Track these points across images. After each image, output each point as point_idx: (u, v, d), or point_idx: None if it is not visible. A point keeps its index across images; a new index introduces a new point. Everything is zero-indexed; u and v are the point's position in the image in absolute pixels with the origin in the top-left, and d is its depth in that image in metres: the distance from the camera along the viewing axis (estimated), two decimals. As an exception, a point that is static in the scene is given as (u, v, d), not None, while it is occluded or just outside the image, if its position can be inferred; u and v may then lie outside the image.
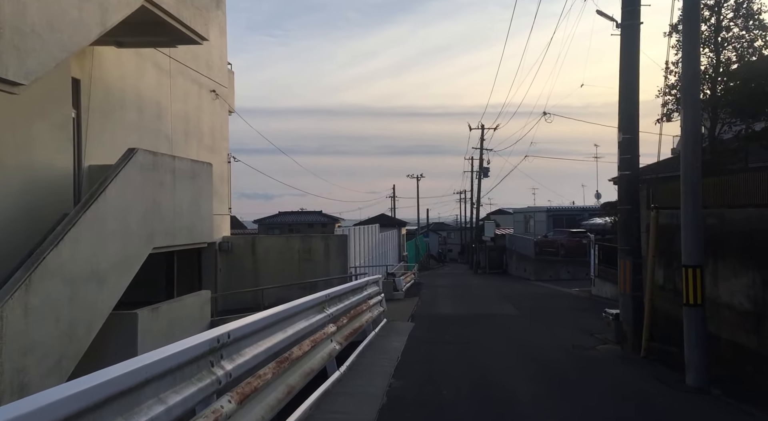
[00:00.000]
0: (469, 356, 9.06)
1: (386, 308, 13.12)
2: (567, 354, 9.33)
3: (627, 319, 9.45)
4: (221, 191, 20.74)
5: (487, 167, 45.71)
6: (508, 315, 14.86)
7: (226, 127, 21.31)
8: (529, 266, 36.57)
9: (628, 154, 9.51)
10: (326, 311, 7.32)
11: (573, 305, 18.31)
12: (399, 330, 11.78)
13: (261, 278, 20.70)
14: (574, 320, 13.83)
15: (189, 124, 18.17)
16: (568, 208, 44.30)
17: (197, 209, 12.62)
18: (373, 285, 12.27)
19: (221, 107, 20.77)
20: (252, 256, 20.84)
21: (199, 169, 12.86)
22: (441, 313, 15.57)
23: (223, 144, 21.00)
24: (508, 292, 23.74)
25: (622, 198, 9.64)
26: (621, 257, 9.65)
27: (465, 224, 73.76)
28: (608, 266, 21.09)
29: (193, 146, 18.19)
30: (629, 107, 9.51)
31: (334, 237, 21.18)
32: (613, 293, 20.20)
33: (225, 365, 3.67)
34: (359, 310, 9.75)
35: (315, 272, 20.72)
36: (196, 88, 18.75)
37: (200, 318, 12.64)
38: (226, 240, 20.64)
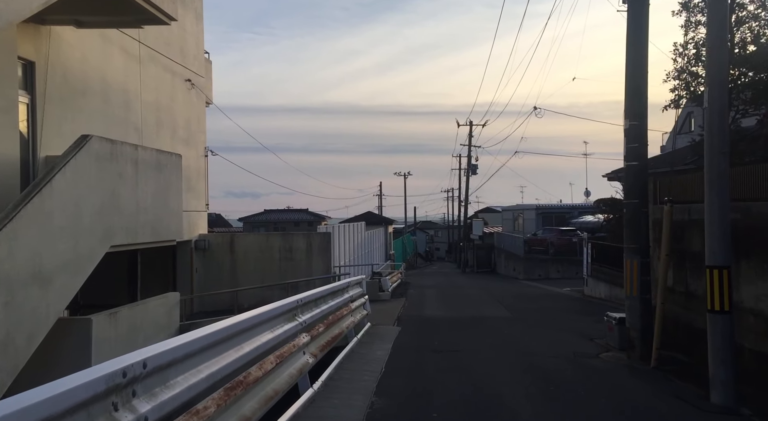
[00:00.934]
0: (461, 366, 8.12)
1: (370, 311, 12.17)
2: (569, 363, 8.43)
3: (634, 324, 8.56)
4: (197, 187, 19.67)
5: (476, 164, 44.91)
6: (501, 318, 13.96)
7: (203, 119, 20.22)
8: (519, 264, 35.80)
9: (636, 142, 8.62)
10: (298, 319, 6.34)
11: (566, 306, 17.46)
12: (384, 336, 10.82)
13: (240, 278, 19.67)
14: (570, 323, 12.96)
15: (161, 114, 17.08)
16: (558, 206, 43.59)
17: (164, 204, 11.57)
18: (356, 286, 11.31)
19: (197, 98, 19.68)
20: (230, 255, 19.80)
21: (166, 160, 11.80)
22: (429, 315, 14.64)
23: (200, 137, 19.91)
24: (498, 292, 22.87)
25: (629, 191, 8.76)
26: (627, 255, 8.77)
27: (453, 222, 73.05)
28: (602, 264, 20.29)
29: (165, 138, 17.10)
30: (637, 90, 8.62)
31: (316, 235, 20.20)
32: (608, 294, 19.41)
33: (139, 405, 2.69)
34: (339, 315, 8.78)
35: (297, 271, 19.74)
36: (170, 76, 17.65)
37: (167, 323, 11.59)
38: (203, 238, 19.58)
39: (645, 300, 8.51)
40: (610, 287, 19.21)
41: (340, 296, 9.47)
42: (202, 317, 18.47)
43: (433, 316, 14.42)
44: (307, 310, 6.95)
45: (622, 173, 21.06)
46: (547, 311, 15.62)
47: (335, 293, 9.07)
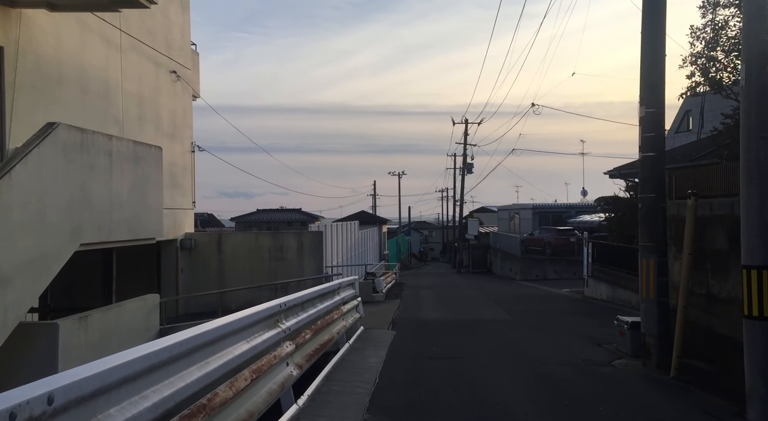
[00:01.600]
0: (462, 376, 7.39)
1: (363, 314, 11.42)
2: (579, 372, 7.72)
3: (651, 329, 7.86)
4: (184, 183, 18.89)
5: (471, 163, 44.21)
6: (501, 321, 13.24)
7: (189, 113, 19.42)
8: (515, 265, 35.12)
9: (652, 131, 7.91)
10: (281, 325, 5.59)
11: (568, 308, 16.77)
12: (377, 341, 10.08)
13: (228, 279, 18.89)
14: (574, 327, 12.27)
15: (144, 107, 16.28)
16: (555, 205, 42.96)
17: (142, 200, 10.80)
18: (348, 288, 10.56)
19: (184, 91, 18.88)
20: (218, 254, 19.01)
21: (145, 152, 11.03)
22: (425, 318, 13.90)
23: (186, 131, 19.12)
24: (495, 293, 22.17)
25: (645, 185, 8.05)
26: (643, 254, 8.06)
27: (447, 222, 72.36)
28: (603, 265, 19.62)
29: (149, 132, 16.30)
30: (654, 74, 7.92)
31: (308, 234, 19.43)
32: (610, 295, 18.75)
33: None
34: (329, 319, 8.03)
35: (287, 271, 18.97)
36: (153, 67, 16.85)
37: (146, 327, 10.81)
38: (189, 237, 18.78)
39: (662, 303, 7.80)
40: (613, 288, 18.54)
41: (330, 299, 8.72)
42: (187, 319, 17.68)
43: (430, 319, 13.70)
44: (291, 315, 6.20)
45: (626, 170, 20.46)
46: (548, 314, 14.92)
47: (325, 295, 8.32)
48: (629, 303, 17.01)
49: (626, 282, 17.37)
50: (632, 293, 16.95)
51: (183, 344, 3.35)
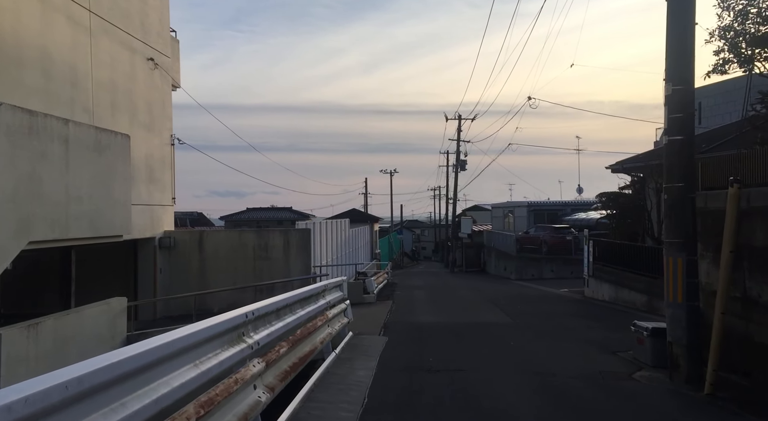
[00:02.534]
0: (465, 394, 6.38)
1: (352, 318, 10.40)
2: (598, 388, 6.73)
3: (679, 338, 6.88)
4: (162, 178, 17.78)
5: (465, 160, 43.24)
6: (501, 324, 12.25)
7: (168, 103, 18.31)
8: (510, 264, 34.21)
9: (680, 111, 6.94)
10: (248, 340, 4.56)
11: (570, 310, 15.82)
12: (367, 349, 9.06)
13: (210, 280, 17.81)
14: (581, 331, 11.31)
15: (118, 95, 15.17)
16: (550, 203, 42.07)
17: (106, 193, 9.71)
18: (335, 290, 9.53)
19: (162, 80, 17.77)
20: (199, 253, 17.91)
21: (109, 140, 9.94)
22: (420, 321, 12.90)
23: (165, 123, 18.00)
24: (492, 293, 21.19)
25: (671, 173, 7.07)
26: (669, 252, 7.08)
27: (440, 220, 71.45)
28: (605, 264, 18.70)
29: (122, 122, 15.19)
30: (681, 45, 6.94)
31: (295, 232, 18.37)
32: (612, 296, 17.83)
33: None
34: (312, 327, 7.01)
35: (273, 271, 17.92)
36: (128, 53, 15.74)
37: (110, 335, 9.73)
38: (168, 235, 17.68)
39: (692, 308, 6.83)
40: (616, 289, 17.62)
41: (314, 303, 7.70)
42: (165, 323, 16.59)
43: (425, 322, 12.68)
44: (263, 325, 5.17)
45: (629, 164, 19.51)
46: (551, 316, 13.94)
47: (307, 299, 7.30)
48: (633, 304, 16.09)
49: (631, 282, 16.45)
50: (637, 294, 16.04)
51: (81, 382, 2.31)
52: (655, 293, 14.97)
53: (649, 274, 15.22)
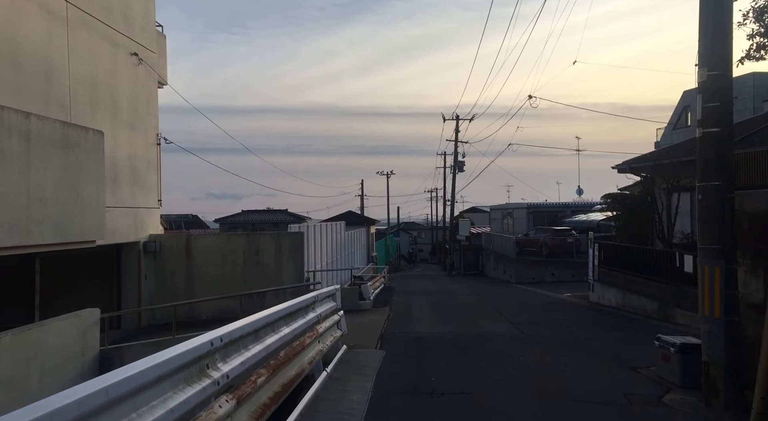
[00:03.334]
0: (475, 425, 5.53)
1: (346, 330, 9.55)
2: (627, 416, 5.90)
3: (717, 358, 6.05)
4: (147, 179, 16.91)
5: (462, 161, 42.44)
6: (508, 336, 11.41)
7: (154, 101, 17.44)
8: (510, 267, 33.36)
9: (716, 100, 6.12)
10: (213, 374, 3.70)
11: (577, 318, 14.99)
12: (363, 366, 8.21)
13: (197, 286, 16.93)
14: (595, 343, 10.50)
15: (98, 91, 14.30)
16: (550, 204, 41.29)
17: (74, 195, 8.84)
18: (327, 301, 8.68)
19: (147, 76, 16.90)
20: (186, 259, 17.04)
21: (78, 137, 9.07)
22: (419, 332, 12.04)
23: (151, 121, 17.13)
24: (493, 299, 20.36)
25: (706, 170, 6.24)
26: (704, 260, 6.24)
27: (437, 222, 70.66)
28: (612, 268, 17.88)
29: (103, 119, 14.33)
30: (718, 26, 6.12)
31: (287, 236, 17.50)
32: (620, 301, 17.01)
33: None
34: (299, 346, 6.16)
35: (264, 277, 17.05)
36: (110, 48, 14.87)
37: (81, 350, 8.85)
38: (154, 239, 16.79)
39: (732, 324, 6.00)
40: (624, 294, 16.80)
41: (302, 318, 6.85)
42: (150, 331, 15.70)
43: (425, 333, 11.83)
44: (236, 351, 4.32)
45: (636, 163, 18.71)
46: (558, 325, 13.12)
47: (294, 314, 6.45)
48: (644, 311, 15.28)
49: (640, 287, 15.64)
50: (648, 300, 15.23)
51: None
52: (667, 299, 14.16)
53: (661, 279, 14.42)
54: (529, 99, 26.53)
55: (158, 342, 10.05)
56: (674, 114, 37.66)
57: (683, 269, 13.33)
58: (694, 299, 13.12)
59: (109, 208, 14.51)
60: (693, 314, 12.95)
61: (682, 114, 37.02)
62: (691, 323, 12.85)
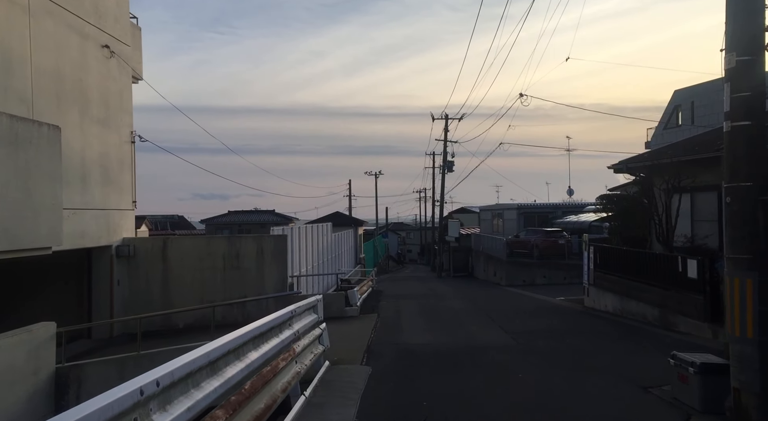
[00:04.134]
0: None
1: (329, 345, 8.74)
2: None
3: (749, 384, 5.30)
4: (121, 179, 15.98)
5: (452, 161, 41.72)
6: (503, 347, 10.63)
7: (128, 97, 16.51)
8: (500, 269, 32.68)
9: (747, 89, 5.37)
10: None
11: (574, 325, 14.28)
12: (346, 387, 7.39)
13: (174, 293, 16.03)
14: (597, 355, 9.75)
15: (64, 85, 13.36)
16: (541, 205, 40.70)
17: (25, 196, 7.95)
18: (307, 314, 7.85)
19: (121, 70, 15.97)
20: (162, 263, 16.12)
21: (30, 132, 8.18)
22: (409, 343, 11.24)
23: (124, 118, 16.20)
24: (484, 304, 19.62)
25: (736, 169, 5.48)
26: (733, 271, 5.49)
27: (426, 223, 70.03)
28: (608, 272, 17.19)
29: (70, 115, 13.40)
30: (750, 7, 5.37)
31: (269, 238, 16.64)
32: (618, 307, 16.32)
33: None
34: (271, 372, 5.33)
35: (245, 283, 16.19)
36: (78, 39, 13.93)
37: (32, 369, 7.94)
38: (127, 243, 15.87)
39: (766, 344, 5.24)
40: (622, 300, 16.11)
41: (276, 337, 6.03)
42: (123, 341, 14.78)
43: (415, 344, 11.03)
44: (182, 394, 3.48)
45: (633, 163, 18.07)
46: (555, 334, 12.38)
47: (265, 335, 5.62)
48: (644, 318, 14.59)
49: (639, 293, 14.95)
50: (648, 307, 14.53)
51: None
52: (669, 306, 13.47)
53: (662, 284, 13.73)
54: (520, 97, 25.83)
55: (122, 360, 9.16)
56: (665, 114, 37.20)
57: (686, 274, 12.64)
58: (698, 306, 12.53)
59: (77, 211, 13.61)
60: (697, 323, 12.28)
61: (672, 114, 36.54)
62: (695, 331, 12.16)
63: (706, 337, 11.72)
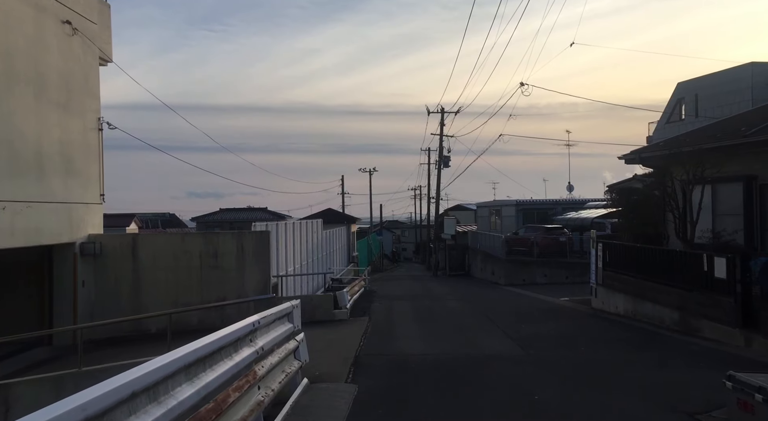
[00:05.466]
0: None
1: (308, 359, 7.35)
2: None
3: None
4: (86, 170, 14.52)
5: (448, 156, 40.36)
6: (511, 358, 9.25)
7: (94, 80, 15.03)
8: (499, 267, 31.34)
9: None
10: None
11: (586, 330, 12.96)
12: (324, 415, 6.00)
13: (145, 294, 14.58)
14: (620, 368, 8.41)
15: (15, 62, 11.90)
16: (540, 201, 39.36)
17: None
18: (278, 325, 6.45)
19: (86, 51, 14.49)
20: (132, 262, 14.67)
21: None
22: (403, 353, 9.85)
23: (89, 103, 14.73)
24: (484, 305, 18.28)
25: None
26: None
27: (421, 221, 68.67)
28: (619, 271, 15.86)
29: (24, 96, 11.95)
30: None
31: (250, 235, 15.22)
32: (630, 309, 14.98)
33: None
34: (214, 410, 3.92)
35: (224, 283, 14.76)
36: (32, 11, 12.45)
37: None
38: (93, 240, 14.41)
39: None
40: (635, 301, 14.77)
41: (226, 360, 4.61)
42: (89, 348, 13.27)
43: (410, 355, 9.65)
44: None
45: (647, 153, 16.65)
46: (567, 341, 11.04)
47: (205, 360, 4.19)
48: (661, 321, 13.24)
49: (656, 294, 13.61)
50: (665, 309, 13.19)
51: None
52: (691, 309, 12.13)
53: (682, 285, 12.40)
54: (521, 86, 24.50)
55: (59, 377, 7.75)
56: (668, 107, 35.94)
57: (713, 273, 11.30)
58: (728, 310, 11.15)
59: (32, 204, 12.17)
60: (726, 328, 10.95)
61: (675, 107, 35.29)
62: (723, 338, 10.83)
63: (738, 344, 10.39)
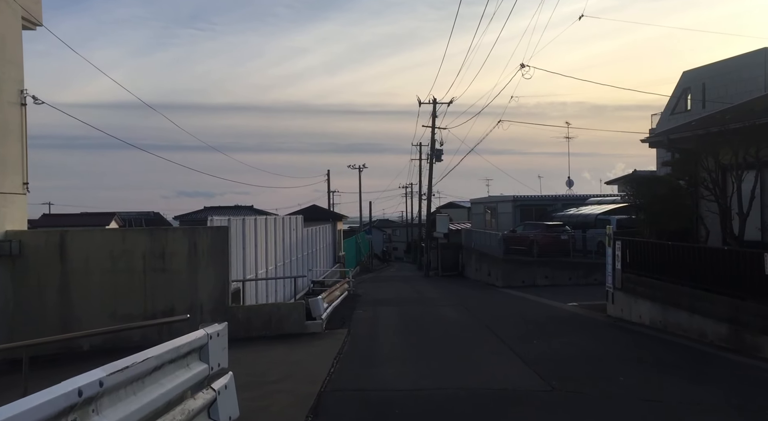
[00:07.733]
0: None
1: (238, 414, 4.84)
2: None
3: None
4: (7, 153, 11.96)
5: (441, 149, 37.97)
6: (531, 397, 6.79)
7: (16, 45, 12.43)
8: (495, 268, 28.90)
9: None
10: None
11: (615, 348, 10.58)
12: None
13: (77, 303, 12.00)
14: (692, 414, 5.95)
15: None
16: (539, 197, 36.98)
17: None
18: (168, 374, 3.94)
19: (8, 11, 11.90)
20: (61, 264, 12.11)
21: None
22: (384, 388, 7.38)
23: (8, 71, 12.13)
24: (483, 311, 15.87)
25: None
26: None
27: (412, 219, 66.37)
28: (642, 273, 13.47)
29: None
30: None
31: (205, 231, 12.70)
32: (659, 318, 12.54)
33: None
34: None
35: (173, 290, 12.22)
36: None
37: None
38: (10, 238, 11.82)
39: None
40: (664, 310, 12.37)
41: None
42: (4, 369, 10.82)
43: (394, 391, 7.16)
44: None
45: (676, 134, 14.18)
46: (600, 366, 8.61)
47: None
48: (702, 335, 10.84)
49: (693, 302, 11.22)
50: (709, 321, 10.77)
51: None
52: (744, 322, 9.74)
53: (732, 291, 10.02)
54: (521, 68, 22.10)
55: None
56: (672, 98, 33.79)
57: (777, 278, 8.94)
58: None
59: None
60: (798, 348, 8.64)
61: (681, 97, 33.19)
62: (796, 361, 8.47)
63: (819, 371, 8.03)
